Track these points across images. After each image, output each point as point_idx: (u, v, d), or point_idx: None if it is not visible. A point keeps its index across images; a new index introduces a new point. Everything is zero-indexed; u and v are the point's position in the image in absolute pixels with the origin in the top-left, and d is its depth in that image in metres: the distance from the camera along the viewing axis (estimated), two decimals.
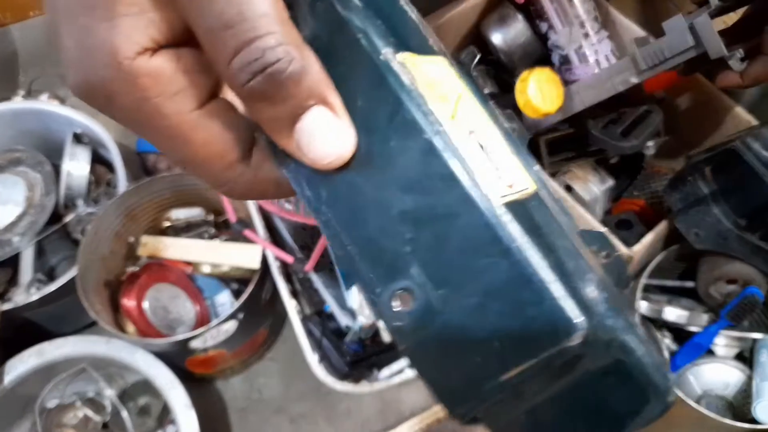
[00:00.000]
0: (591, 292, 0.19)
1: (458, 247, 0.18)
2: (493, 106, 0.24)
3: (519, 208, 0.19)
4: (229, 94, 0.21)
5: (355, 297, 0.67)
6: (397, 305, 0.19)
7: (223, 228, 0.84)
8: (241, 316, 0.71)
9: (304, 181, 0.21)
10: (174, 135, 0.19)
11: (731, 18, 0.62)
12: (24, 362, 0.70)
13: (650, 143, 0.76)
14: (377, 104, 0.19)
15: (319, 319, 0.69)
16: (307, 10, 0.20)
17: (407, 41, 0.22)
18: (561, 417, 0.20)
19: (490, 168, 0.20)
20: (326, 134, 0.19)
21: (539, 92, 0.64)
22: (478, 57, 0.73)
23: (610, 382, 0.19)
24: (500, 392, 0.19)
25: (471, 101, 0.22)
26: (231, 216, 0.73)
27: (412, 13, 0.24)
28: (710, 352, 0.71)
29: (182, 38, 0.19)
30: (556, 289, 0.18)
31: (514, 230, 0.18)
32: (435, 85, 0.21)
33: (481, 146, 0.21)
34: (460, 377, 0.19)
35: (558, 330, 0.17)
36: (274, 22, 0.17)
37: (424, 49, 0.22)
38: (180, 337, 0.68)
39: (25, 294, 0.77)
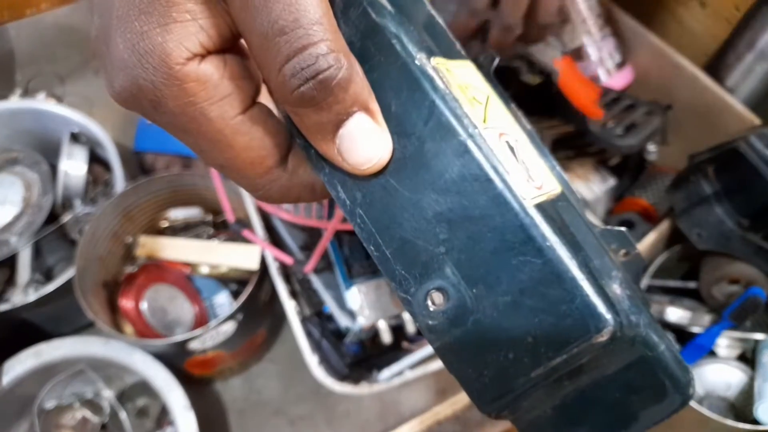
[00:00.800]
0: (616, 289, 0.20)
1: (492, 247, 0.19)
2: (515, 108, 0.25)
3: (549, 209, 0.20)
4: (263, 99, 0.22)
5: (354, 298, 0.67)
6: (431, 304, 0.20)
7: (221, 228, 0.84)
8: (240, 317, 0.70)
9: (339, 184, 0.21)
10: (216, 140, 0.20)
11: None
12: (22, 363, 0.69)
13: (653, 149, 0.75)
14: (412, 108, 0.20)
15: (319, 320, 0.68)
16: (340, 17, 0.21)
17: (437, 46, 0.22)
18: (586, 411, 0.21)
19: (521, 170, 0.21)
20: (367, 140, 0.20)
21: None
22: (497, 60, 0.75)
23: (634, 376, 0.20)
24: (530, 388, 0.19)
25: (498, 104, 0.23)
26: (229, 216, 0.73)
27: (439, 19, 0.24)
28: (712, 353, 0.71)
29: (228, 45, 0.20)
30: (587, 287, 0.18)
31: (546, 230, 0.19)
32: (466, 88, 0.22)
33: (511, 148, 0.21)
34: (492, 374, 0.19)
35: (589, 326, 0.18)
36: (327, 30, 0.18)
37: (452, 53, 0.23)
38: (178, 338, 0.67)
39: (22, 294, 0.77)
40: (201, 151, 0.21)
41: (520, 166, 0.21)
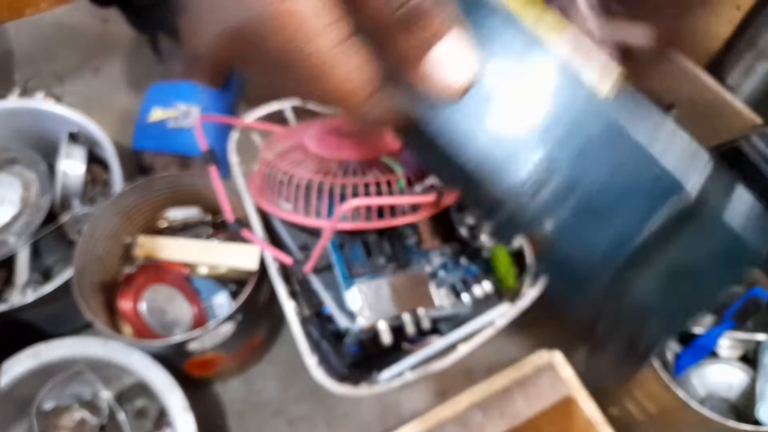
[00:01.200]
0: (698, 164, 0.24)
1: (584, 135, 0.22)
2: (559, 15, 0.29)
3: (623, 96, 0.23)
4: None
5: (354, 298, 0.66)
6: (534, 186, 0.23)
7: (220, 228, 0.83)
8: (239, 317, 0.70)
9: (426, 107, 0.23)
10: (317, 72, 0.21)
11: None
12: (20, 364, 0.69)
13: None
14: (488, 30, 0.23)
15: (318, 321, 0.68)
16: None
17: None
18: (671, 281, 0.24)
19: (593, 65, 0.24)
20: (455, 62, 0.21)
21: None
22: None
23: (711, 241, 0.24)
24: (637, 253, 0.23)
25: (551, 13, 0.26)
26: (229, 216, 0.72)
27: None
28: (714, 354, 0.71)
29: None
30: (670, 163, 0.22)
31: (626, 119, 0.22)
32: (533, 4, 0.25)
33: (578, 47, 0.24)
34: (601, 242, 0.23)
35: (672, 192, 0.22)
36: None
37: None
38: (177, 338, 0.67)
39: (20, 295, 0.76)
40: (302, 85, 0.22)
41: (591, 63, 0.24)
